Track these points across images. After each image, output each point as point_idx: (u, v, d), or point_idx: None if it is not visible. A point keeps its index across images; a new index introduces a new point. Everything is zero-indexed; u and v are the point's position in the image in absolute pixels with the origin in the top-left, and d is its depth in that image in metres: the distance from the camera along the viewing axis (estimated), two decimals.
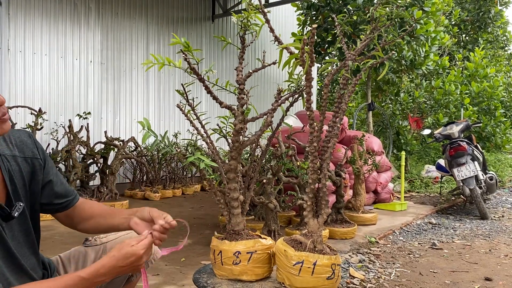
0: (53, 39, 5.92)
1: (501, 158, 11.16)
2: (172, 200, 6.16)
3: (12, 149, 1.24)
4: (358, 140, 4.65)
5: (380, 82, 8.89)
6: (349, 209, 4.60)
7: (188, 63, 1.34)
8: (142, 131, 1.31)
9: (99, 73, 6.47)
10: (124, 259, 1.24)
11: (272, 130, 1.63)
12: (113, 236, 1.51)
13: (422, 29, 7.10)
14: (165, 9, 7.49)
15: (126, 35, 6.85)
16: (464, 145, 5.36)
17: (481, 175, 5.28)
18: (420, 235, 4.37)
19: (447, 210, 5.86)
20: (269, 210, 3.46)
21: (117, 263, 1.23)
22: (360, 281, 2.92)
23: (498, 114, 9.23)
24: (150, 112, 7.21)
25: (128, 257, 1.24)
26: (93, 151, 5.44)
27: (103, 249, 1.46)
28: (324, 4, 7.23)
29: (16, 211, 1.19)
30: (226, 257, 1.40)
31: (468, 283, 2.97)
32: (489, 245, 4.00)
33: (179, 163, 6.95)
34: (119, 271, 1.25)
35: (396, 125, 9.33)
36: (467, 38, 13.43)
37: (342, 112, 1.51)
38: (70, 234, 3.98)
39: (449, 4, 10.30)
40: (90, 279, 1.20)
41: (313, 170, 1.37)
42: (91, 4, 6.36)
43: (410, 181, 8.04)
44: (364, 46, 1.51)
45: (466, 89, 9.39)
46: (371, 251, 3.71)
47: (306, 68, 1.24)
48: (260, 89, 9.05)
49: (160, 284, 2.72)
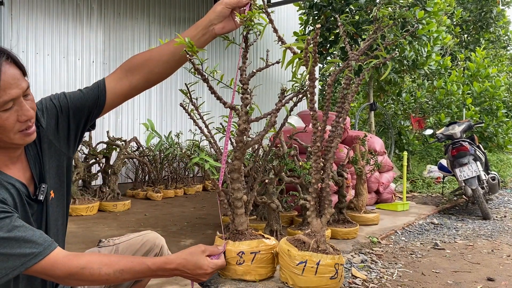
0: (56, 39, 5.93)
1: (503, 158, 11.15)
2: (174, 200, 6.16)
3: (44, 122, 1.25)
4: (360, 140, 4.65)
5: (382, 82, 8.88)
6: (351, 209, 4.59)
7: (192, 63, 1.34)
8: (146, 132, 1.31)
9: (102, 73, 6.48)
10: (193, 267, 1.25)
11: (276, 130, 1.63)
12: (125, 238, 1.51)
13: (424, 29, 7.10)
14: (167, 9, 7.49)
15: (128, 35, 6.86)
16: (466, 145, 5.35)
17: (483, 175, 5.27)
18: (422, 235, 4.37)
19: (449, 210, 5.86)
20: (271, 210, 3.46)
21: (184, 266, 1.25)
22: (362, 281, 2.92)
23: (500, 114, 9.21)
24: (152, 112, 7.22)
25: (197, 268, 1.25)
26: (95, 151, 5.44)
27: (116, 250, 1.46)
28: (326, 4, 7.23)
29: (41, 194, 1.21)
30: (229, 257, 1.40)
31: (470, 283, 2.96)
32: (492, 245, 3.99)
33: (181, 163, 6.96)
34: (181, 274, 1.27)
35: (398, 125, 9.32)
36: (469, 38, 13.41)
37: (345, 112, 1.51)
38: (72, 234, 3.99)
39: (451, 4, 10.29)
40: (154, 271, 1.21)
41: (316, 170, 1.37)
42: (93, 4, 6.37)
43: (412, 181, 8.04)
44: (367, 47, 1.51)
45: (468, 89, 9.38)
46: (373, 251, 3.70)
47: (309, 68, 1.24)
48: (263, 89, 9.05)
49: (163, 283, 2.72)
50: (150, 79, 1.37)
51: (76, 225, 4.36)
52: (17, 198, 1.15)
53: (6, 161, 1.17)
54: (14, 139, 1.11)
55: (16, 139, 1.11)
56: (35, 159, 1.25)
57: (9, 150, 1.17)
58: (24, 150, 1.24)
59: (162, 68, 1.35)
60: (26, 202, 1.19)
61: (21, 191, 1.17)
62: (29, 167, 1.23)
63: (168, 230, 4.23)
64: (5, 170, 1.16)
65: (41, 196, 1.22)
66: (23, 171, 1.22)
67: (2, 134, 1.10)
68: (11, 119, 1.08)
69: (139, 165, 6.40)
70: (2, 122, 1.07)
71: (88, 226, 4.31)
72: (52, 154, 1.28)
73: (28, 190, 1.21)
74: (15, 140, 1.12)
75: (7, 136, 1.10)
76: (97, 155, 5.46)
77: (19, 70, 1.09)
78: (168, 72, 1.38)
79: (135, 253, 1.46)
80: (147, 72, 1.34)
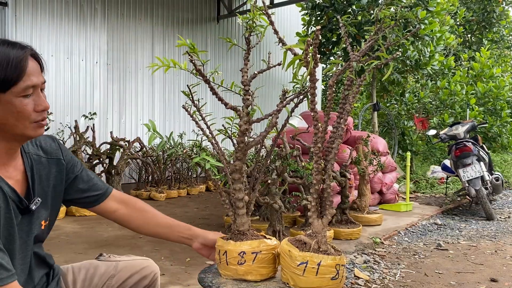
0: (60, 40, 5.96)
1: (507, 158, 11.10)
2: (177, 200, 6.18)
3: (37, 149, 1.28)
4: (363, 141, 4.65)
5: (385, 83, 8.87)
6: (354, 210, 4.59)
7: (194, 65, 1.35)
8: (148, 133, 1.32)
9: (105, 74, 6.51)
10: None
11: (277, 131, 1.64)
12: (126, 257, 1.52)
13: (426, 29, 7.08)
14: (170, 10, 7.51)
15: (131, 36, 6.88)
16: (470, 146, 5.33)
17: (487, 176, 5.25)
18: (425, 236, 4.36)
19: (453, 211, 5.84)
20: (274, 211, 3.47)
21: None
22: (365, 282, 2.92)
23: (504, 115, 9.18)
24: (155, 112, 7.24)
25: None
26: (99, 152, 5.47)
27: (114, 266, 1.46)
28: (329, 5, 7.23)
29: (34, 204, 1.21)
30: (231, 257, 1.41)
31: (473, 284, 2.96)
32: (495, 246, 3.98)
33: (184, 163, 6.97)
34: None
35: (402, 126, 9.31)
36: (472, 38, 13.37)
37: (346, 113, 1.52)
38: (76, 234, 4.01)
39: (454, 4, 10.26)
40: None
41: (317, 171, 1.37)
42: (97, 5, 6.40)
43: (416, 182, 8.02)
44: (368, 47, 1.52)
45: (472, 90, 9.35)
46: (376, 251, 3.70)
47: (310, 69, 1.25)
48: (265, 90, 9.06)
49: (166, 284, 2.74)
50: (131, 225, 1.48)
51: (80, 225, 4.38)
52: (3, 202, 1.12)
53: (5, 160, 1.17)
54: (28, 128, 1.13)
55: (30, 128, 1.13)
56: (34, 171, 1.26)
57: (12, 144, 1.17)
58: (22, 157, 1.23)
59: (146, 230, 1.48)
60: (13, 209, 1.16)
61: (8, 196, 1.14)
62: (26, 176, 1.23)
63: None
64: (3, 173, 1.15)
65: (33, 206, 1.21)
66: (17, 174, 1.21)
67: (18, 121, 1.11)
68: (29, 107, 1.11)
69: (143, 165, 6.43)
70: (21, 108, 1.10)
71: (91, 226, 4.33)
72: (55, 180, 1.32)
73: (20, 197, 1.18)
74: (28, 129, 1.13)
75: (22, 124, 1.12)
76: (101, 155, 5.48)
77: (39, 66, 1.17)
78: (147, 234, 1.51)
79: (132, 275, 1.46)
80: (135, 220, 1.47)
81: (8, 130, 1.12)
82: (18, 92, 1.09)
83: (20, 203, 1.18)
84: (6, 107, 1.09)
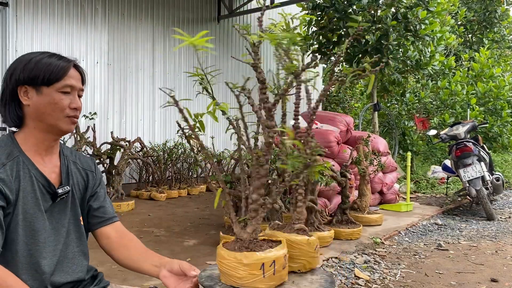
0: (60, 40, 5.97)
1: (508, 158, 11.11)
2: (177, 200, 6.18)
3: (74, 158, 1.46)
4: (364, 141, 4.65)
5: (386, 83, 8.87)
6: (355, 210, 4.59)
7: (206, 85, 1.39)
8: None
9: (106, 74, 6.51)
10: None
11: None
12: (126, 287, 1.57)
13: (427, 29, 7.08)
14: (171, 10, 7.52)
15: (132, 36, 6.89)
16: (470, 146, 5.33)
17: (487, 176, 5.25)
18: (426, 236, 4.36)
19: (453, 211, 5.84)
20: (274, 211, 3.47)
21: None
22: (365, 282, 2.93)
23: (505, 114, 9.17)
24: (156, 112, 7.24)
25: None
26: (99, 152, 5.47)
27: None
28: (329, 5, 7.23)
29: (61, 189, 1.32)
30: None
31: (474, 284, 2.96)
32: (496, 246, 3.98)
33: (185, 163, 6.98)
34: None
35: (402, 126, 9.31)
36: (473, 38, 13.36)
37: None
38: None
39: (455, 4, 10.26)
40: None
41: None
42: (97, 5, 6.41)
43: (416, 182, 8.02)
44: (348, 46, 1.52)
45: (472, 90, 9.35)
46: (376, 251, 3.71)
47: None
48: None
49: None
50: (113, 256, 1.51)
51: None
52: (27, 182, 1.25)
53: (42, 150, 1.31)
54: (62, 121, 1.29)
55: (63, 121, 1.29)
56: (68, 170, 1.39)
57: (47, 136, 1.30)
58: (60, 159, 1.37)
59: (128, 264, 1.49)
60: (40, 191, 1.27)
61: (35, 178, 1.27)
62: (60, 172, 1.36)
63: (171, 230, 4.25)
64: (36, 160, 1.29)
65: (60, 190, 1.31)
66: (52, 168, 1.33)
67: (54, 112, 1.27)
68: (65, 102, 1.28)
69: (143, 165, 6.43)
70: (59, 100, 1.27)
71: None
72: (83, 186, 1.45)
73: (48, 182, 1.30)
74: (62, 122, 1.29)
75: (57, 116, 1.27)
76: (101, 155, 5.49)
77: (80, 76, 1.35)
78: (127, 267, 1.52)
79: None
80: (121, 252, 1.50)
81: (44, 119, 1.27)
82: (58, 88, 1.27)
83: (49, 187, 1.30)
84: (47, 98, 1.27)
